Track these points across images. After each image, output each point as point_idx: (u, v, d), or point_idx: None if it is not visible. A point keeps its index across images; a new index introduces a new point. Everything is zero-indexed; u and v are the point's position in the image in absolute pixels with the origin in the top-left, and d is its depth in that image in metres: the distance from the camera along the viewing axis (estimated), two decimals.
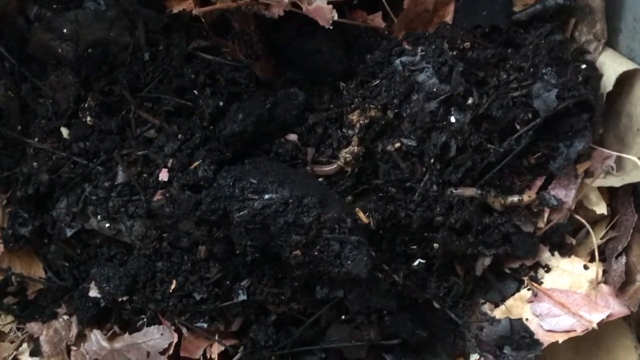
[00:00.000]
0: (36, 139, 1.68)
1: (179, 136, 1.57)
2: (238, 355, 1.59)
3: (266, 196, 1.37)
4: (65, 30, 1.62)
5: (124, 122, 1.63)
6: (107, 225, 1.60)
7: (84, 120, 1.64)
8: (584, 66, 1.48)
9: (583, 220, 1.54)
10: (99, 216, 1.60)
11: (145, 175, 1.59)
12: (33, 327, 1.72)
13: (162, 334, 1.60)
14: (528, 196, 1.49)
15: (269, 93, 1.58)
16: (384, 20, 1.65)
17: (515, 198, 1.49)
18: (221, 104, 1.56)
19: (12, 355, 1.73)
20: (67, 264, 1.70)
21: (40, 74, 1.71)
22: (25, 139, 1.70)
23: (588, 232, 1.54)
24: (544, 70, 1.45)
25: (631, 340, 1.50)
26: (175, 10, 1.61)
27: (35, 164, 1.65)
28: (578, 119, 1.46)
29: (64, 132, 1.66)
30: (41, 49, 1.66)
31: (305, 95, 1.58)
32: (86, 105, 1.64)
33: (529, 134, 1.44)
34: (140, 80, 1.62)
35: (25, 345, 1.75)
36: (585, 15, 1.54)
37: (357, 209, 1.47)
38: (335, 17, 1.44)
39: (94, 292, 1.62)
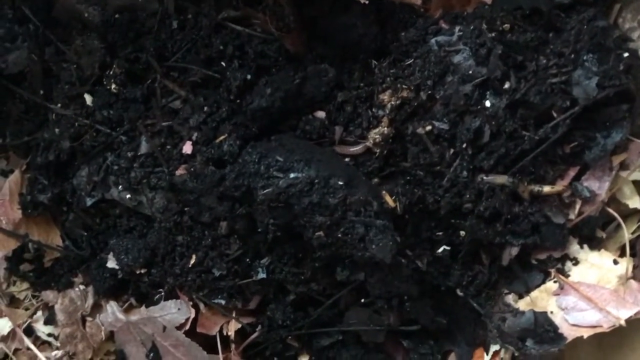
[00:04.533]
0: (59, 105, 1.66)
1: (205, 108, 1.54)
2: (255, 334, 1.57)
3: (292, 175, 1.36)
4: None
5: (149, 91, 1.61)
6: (128, 196, 1.59)
7: (108, 87, 1.62)
8: (626, 54, 1.44)
9: (615, 214, 1.50)
10: (120, 186, 1.59)
11: (169, 146, 1.57)
12: (48, 295, 1.73)
13: (179, 309, 1.59)
14: (560, 186, 1.46)
15: (299, 68, 1.55)
16: None
17: (546, 188, 1.45)
18: (249, 77, 1.53)
19: (26, 322, 1.74)
20: (85, 233, 1.70)
21: (65, 38, 1.69)
22: (47, 104, 1.68)
23: (619, 225, 1.50)
24: (585, 57, 1.41)
25: None
26: None
27: (57, 130, 1.64)
28: (617, 109, 1.42)
29: (88, 98, 1.63)
30: (67, 12, 1.64)
31: (335, 72, 1.55)
32: (111, 72, 1.62)
33: (566, 122, 1.40)
34: (168, 49, 1.60)
35: (39, 313, 1.76)
36: (630, 1, 1.50)
37: (384, 192, 1.43)
38: None
39: (111, 263, 1.61)
